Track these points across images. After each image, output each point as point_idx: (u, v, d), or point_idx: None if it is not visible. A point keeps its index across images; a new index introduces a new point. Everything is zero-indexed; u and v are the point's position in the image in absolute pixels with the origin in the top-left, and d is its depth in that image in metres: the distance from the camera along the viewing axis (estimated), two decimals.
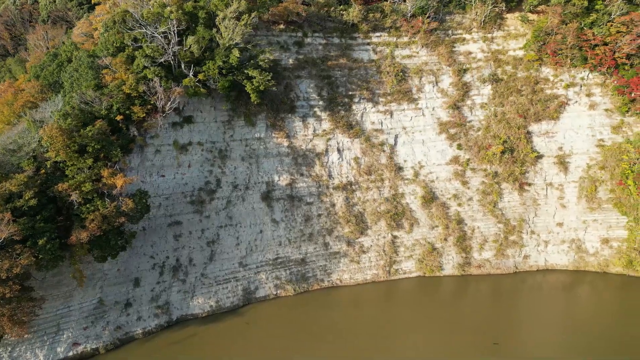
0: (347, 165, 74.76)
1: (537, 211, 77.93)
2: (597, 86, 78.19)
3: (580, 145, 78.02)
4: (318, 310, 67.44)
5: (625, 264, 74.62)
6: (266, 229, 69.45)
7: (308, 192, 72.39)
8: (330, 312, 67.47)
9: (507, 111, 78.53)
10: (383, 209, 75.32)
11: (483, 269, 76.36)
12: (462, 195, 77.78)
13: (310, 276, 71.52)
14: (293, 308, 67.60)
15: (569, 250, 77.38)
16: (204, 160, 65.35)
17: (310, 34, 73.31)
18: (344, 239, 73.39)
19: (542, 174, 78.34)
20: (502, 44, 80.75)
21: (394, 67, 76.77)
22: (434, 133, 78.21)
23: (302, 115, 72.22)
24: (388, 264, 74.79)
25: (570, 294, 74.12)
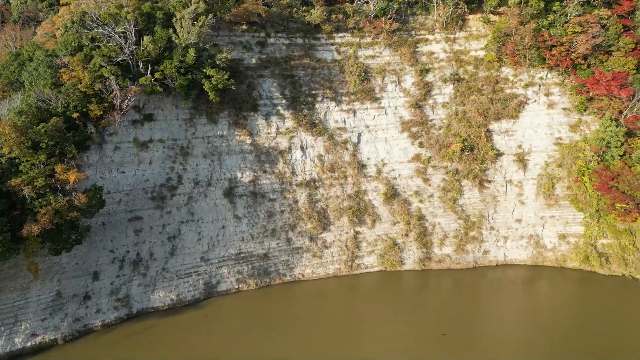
0: (310, 163, 76.50)
1: (497, 207, 79.95)
2: (556, 86, 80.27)
3: (539, 143, 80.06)
4: (280, 303, 69.06)
5: (581, 259, 76.71)
6: (228, 225, 71.10)
7: (271, 188, 74.10)
8: (292, 305, 69.21)
9: (468, 110, 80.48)
10: (346, 205, 77.11)
11: (443, 263, 78.28)
12: (423, 192, 79.68)
13: (272, 271, 73.24)
14: (255, 301, 69.18)
15: (527, 245, 79.41)
16: (165, 157, 66.97)
17: (273, 35, 75.06)
18: (306, 235, 75.14)
19: (501, 172, 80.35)
20: (464, 45, 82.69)
21: (357, 67, 78.58)
22: (397, 131, 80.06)
23: (265, 113, 73.92)
24: (350, 259, 76.58)
25: (528, 288, 76.15)
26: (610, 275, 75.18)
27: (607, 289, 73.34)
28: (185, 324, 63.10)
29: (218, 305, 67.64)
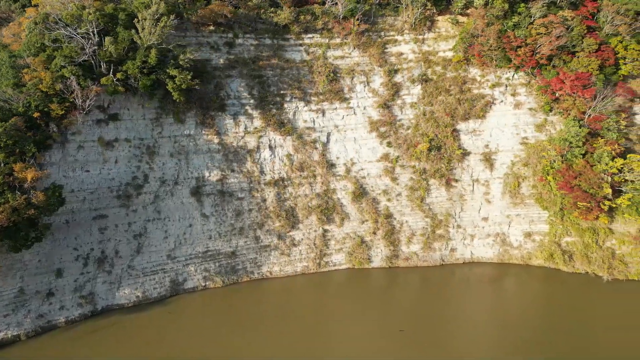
0: (279, 162, 77.49)
1: (464, 206, 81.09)
2: (522, 86, 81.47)
3: (506, 143, 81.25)
4: (248, 301, 69.86)
5: (546, 257, 77.91)
6: (196, 223, 72.02)
7: (239, 187, 75.06)
8: (261, 303, 69.97)
9: (435, 110, 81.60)
10: (314, 204, 78.14)
11: (410, 261, 79.38)
12: (391, 190, 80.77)
13: (240, 268, 74.20)
14: (222, 299, 70.07)
15: (494, 243, 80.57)
16: (131, 156, 67.85)
17: (242, 35, 76.02)
18: (275, 233, 76.12)
19: (469, 171, 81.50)
20: (432, 46, 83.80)
21: (326, 68, 79.60)
22: (365, 131, 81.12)
23: (233, 113, 74.87)
24: (318, 257, 77.59)
25: (495, 286, 77.16)
26: (574, 272, 76.42)
27: (572, 286, 74.45)
28: (150, 321, 64.01)
29: (184, 302, 68.54)
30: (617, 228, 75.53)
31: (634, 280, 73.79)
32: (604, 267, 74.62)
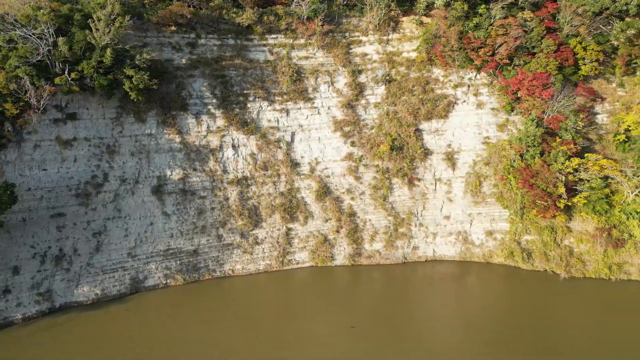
0: (243, 161, 78.26)
1: (426, 205, 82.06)
2: (485, 86, 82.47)
3: (468, 142, 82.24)
4: (209, 299, 70.63)
5: (506, 255, 78.94)
6: (157, 222, 72.77)
7: (202, 186, 75.82)
8: (222, 300, 70.76)
9: (399, 110, 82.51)
10: (278, 202, 78.98)
11: (373, 259, 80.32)
12: (355, 189, 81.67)
13: (202, 266, 75.01)
14: (183, 297, 70.82)
15: (456, 242, 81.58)
16: (91, 155, 68.55)
17: (204, 36, 76.74)
18: (237, 231, 76.94)
19: (431, 170, 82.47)
20: (397, 46, 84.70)
21: (290, 68, 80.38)
22: (330, 131, 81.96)
23: (196, 112, 75.63)
24: (281, 255, 78.46)
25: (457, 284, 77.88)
26: (533, 270, 77.46)
27: (530, 284, 75.23)
28: (108, 318, 64.78)
29: (144, 300, 69.37)
30: (575, 226, 76.58)
31: (591, 278, 74.95)
32: (561, 265, 75.66)
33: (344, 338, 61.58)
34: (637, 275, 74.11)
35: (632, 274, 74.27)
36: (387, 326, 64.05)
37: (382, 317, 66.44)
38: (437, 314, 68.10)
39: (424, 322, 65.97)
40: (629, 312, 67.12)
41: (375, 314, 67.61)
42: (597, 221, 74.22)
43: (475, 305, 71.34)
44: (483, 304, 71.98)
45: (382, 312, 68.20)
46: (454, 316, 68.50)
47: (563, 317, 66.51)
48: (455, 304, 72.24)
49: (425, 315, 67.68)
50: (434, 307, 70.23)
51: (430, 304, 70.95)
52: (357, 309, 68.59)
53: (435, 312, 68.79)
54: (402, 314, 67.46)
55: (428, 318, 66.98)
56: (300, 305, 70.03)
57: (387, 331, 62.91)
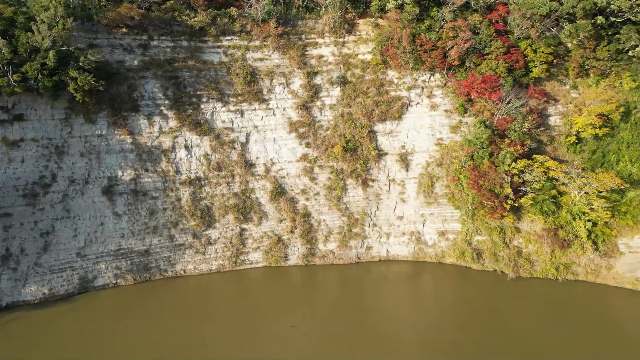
0: (196, 162, 78.84)
1: (380, 205, 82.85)
2: (439, 88, 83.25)
3: (422, 143, 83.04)
4: (159, 298, 71.24)
5: (458, 255, 79.81)
6: (107, 222, 73.30)
7: (154, 186, 76.35)
8: (172, 300, 71.18)
9: (353, 112, 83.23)
10: (231, 203, 79.59)
11: (326, 259, 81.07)
12: (310, 190, 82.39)
13: (153, 266, 75.59)
14: (133, 296, 71.47)
15: (409, 242, 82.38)
16: (39, 155, 69.05)
17: (157, 37, 77.27)
18: (190, 232, 77.54)
19: (385, 171, 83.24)
20: (352, 48, 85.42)
21: (244, 69, 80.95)
22: (285, 132, 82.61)
23: (148, 113, 76.15)
24: (234, 255, 79.12)
25: (407, 283, 78.80)
26: (484, 270, 78.34)
27: (481, 284, 76.07)
28: (54, 317, 65.40)
29: (92, 299, 69.92)
30: (524, 227, 77.48)
31: (539, 278, 75.83)
32: (510, 265, 76.57)
33: (296, 337, 62.29)
34: (584, 276, 75.08)
35: (579, 275, 75.24)
36: (341, 325, 64.97)
37: (336, 317, 67.29)
38: (391, 314, 68.80)
39: (379, 321, 66.59)
40: (573, 312, 68.12)
41: (329, 313, 68.38)
42: (544, 222, 75.14)
43: (428, 306, 72.05)
44: (435, 304, 72.63)
45: (337, 311, 69.00)
46: (408, 316, 69.04)
47: (510, 317, 67.34)
48: (408, 304, 72.84)
49: (379, 315, 68.27)
50: (388, 306, 70.82)
51: (384, 304, 71.47)
52: (311, 309, 69.36)
53: (389, 311, 69.46)
54: (357, 314, 68.21)
55: (382, 317, 67.62)
56: (252, 305, 70.49)
57: (342, 330, 63.87)
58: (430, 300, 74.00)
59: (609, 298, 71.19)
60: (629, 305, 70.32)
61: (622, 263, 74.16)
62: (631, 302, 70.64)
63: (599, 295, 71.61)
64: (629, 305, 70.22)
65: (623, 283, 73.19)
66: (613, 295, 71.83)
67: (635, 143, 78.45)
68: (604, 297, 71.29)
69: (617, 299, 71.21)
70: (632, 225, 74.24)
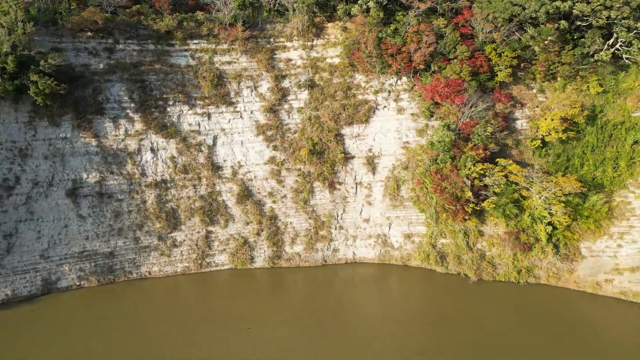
0: (162, 164, 79.39)
1: (346, 208, 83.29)
2: (405, 92, 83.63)
3: (388, 147, 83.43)
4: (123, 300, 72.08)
5: (423, 258, 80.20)
6: (72, 224, 73.94)
7: (119, 189, 76.95)
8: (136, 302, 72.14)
9: (321, 115, 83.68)
10: (198, 205, 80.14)
11: (292, 261, 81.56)
12: (277, 193, 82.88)
13: (117, 268, 76.20)
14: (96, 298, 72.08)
15: (375, 244, 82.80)
16: (2, 158, 69.70)
17: (123, 41, 77.87)
18: (155, 234, 78.12)
19: (352, 174, 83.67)
20: (321, 52, 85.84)
21: (211, 72, 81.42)
22: (252, 135, 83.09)
23: (113, 116, 76.72)
24: (200, 257, 79.67)
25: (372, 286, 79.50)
26: (447, 273, 78.71)
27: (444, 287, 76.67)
28: (15, 318, 66.21)
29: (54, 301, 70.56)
30: (487, 230, 77.84)
31: (501, 282, 76.16)
32: (473, 268, 76.92)
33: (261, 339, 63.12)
34: (545, 280, 75.40)
35: (541, 278, 75.56)
36: (309, 327, 65.85)
37: (303, 319, 68.02)
38: (357, 316, 69.36)
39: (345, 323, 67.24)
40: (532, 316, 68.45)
41: (296, 315, 69.10)
42: (507, 225, 75.45)
43: (393, 309, 72.53)
44: (399, 307, 73.11)
45: (303, 313, 69.67)
46: (373, 319, 69.56)
47: (471, 320, 67.82)
48: (374, 307, 73.27)
49: (345, 317, 68.89)
50: (354, 308, 71.47)
51: (350, 306, 72.19)
52: (278, 311, 70.01)
53: (355, 313, 70.04)
54: (323, 315, 68.89)
55: (348, 319, 68.27)
56: (217, 307, 71.16)
57: (309, 332, 64.79)
58: (395, 303, 74.46)
59: (568, 302, 71.44)
60: (588, 309, 70.65)
61: (583, 267, 74.45)
62: (591, 306, 70.97)
63: (557, 299, 71.83)
64: (589, 310, 70.55)
65: (584, 287, 73.49)
66: (573, 299, 72.10)
67: (600, 147, 78.76)
68: (562, 301, 71.52)
69: (576, 303, 71.48)
70: (594, 230, 74.60)
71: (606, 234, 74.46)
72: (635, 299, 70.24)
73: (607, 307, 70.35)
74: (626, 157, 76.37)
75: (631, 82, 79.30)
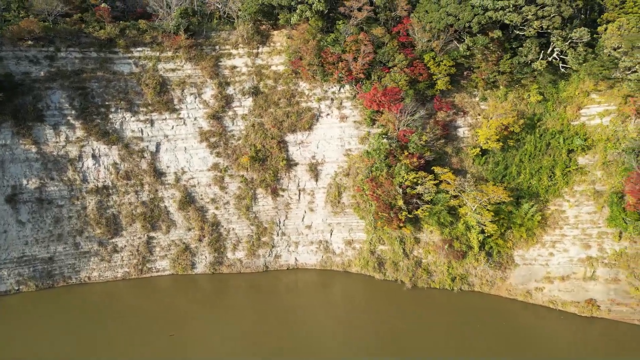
0: (104, 171, 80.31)
1: (289, 214, 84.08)
2: (348, 100, 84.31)
3: (331, 154, 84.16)
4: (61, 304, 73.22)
5: (362, 265, 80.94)
6: (11, 230, 74.95)
7: (59, 195, 77.92)
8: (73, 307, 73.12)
9: (265, 122, 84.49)
10: (139, 211, 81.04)
11: (233, 267, 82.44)
12: (220, 199, 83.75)
13: (57, 273, 77.19)
14: (34, 302, 73.25)
15: (317, 250, 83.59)
16: None
17: (64, 49, 78.81)
18: (95, 240, 79.06)
19: (295, 181, 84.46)
20: (266, 59, 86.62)
21: (154, 80, 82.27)
22: (196, 141, 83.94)
23: (54, 123, 77.68)
24: (141, 263, 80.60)
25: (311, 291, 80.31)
26: (385, 280, 79.39)
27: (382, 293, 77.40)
28: None
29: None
30: (424, 238, 78.51)
31: (436, 289, 76.81)
32: (409, 275, 77.61)
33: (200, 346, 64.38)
34: (479, 287, 76.03)
35: (475, 286, 76.22)
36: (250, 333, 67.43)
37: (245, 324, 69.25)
38: (297, 321, 70.67)
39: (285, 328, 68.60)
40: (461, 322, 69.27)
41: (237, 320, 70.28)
42: (442, 233, 76.13)
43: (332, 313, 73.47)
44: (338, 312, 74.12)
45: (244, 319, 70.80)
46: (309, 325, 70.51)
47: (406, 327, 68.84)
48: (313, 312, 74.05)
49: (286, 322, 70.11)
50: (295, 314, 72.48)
51: (291, 312, 73.10)
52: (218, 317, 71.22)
53: (295, 319, 71.23)
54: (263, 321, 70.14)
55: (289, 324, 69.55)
56: (154, 312, 72.15)
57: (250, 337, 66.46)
58: (335, 309, 75.25)
59: (497, 310, 71.90)
60: (516, 317, 70.95)
61: (516, 275, 75.07)
62: (520, 315, 71.34)
63: (488, 307, 72.35)
64: (517, 318, 70.83)
65: (515, 295, 74.07)
66: (503, 307, 72.54)
67: (538, 155, 79.24)
68: (492, 309, 72.04)
69: (506, 311, 71.84)
70: (527, 238, 75.21)
71: (539, 242, 75.09)
72: (564, 307, 70.80)
73: (536, 315, 70.84)
74: (562, 166, 76.92)
75: (572, 90, 79.83)
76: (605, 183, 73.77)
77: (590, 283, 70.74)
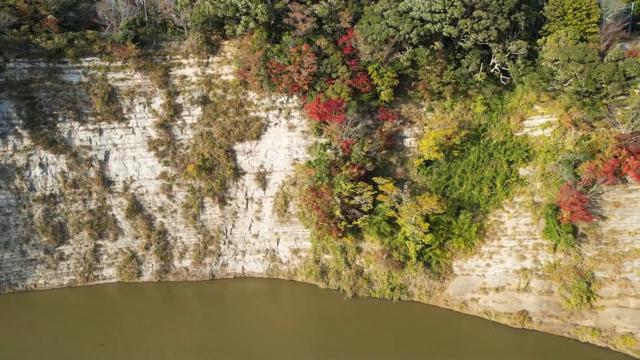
0: (52, 179, 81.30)
1: (236, 223, 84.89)
2: (296, 110, 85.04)
3: (280, 163, 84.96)
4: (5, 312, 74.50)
5: (307, 273, 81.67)
6: None
7: (7, 203, 78.98)
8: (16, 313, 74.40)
9: (214, 131, 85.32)
10: (86, 219, 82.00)
11: (180, 276, 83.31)
12: (167, 207, 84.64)
13: (3, 280, 78.25)
14: None
15: (264, 259, 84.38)
16: None
17: (13, 59, 79.79)
18: (42, 247, 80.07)
19: (243, 189, 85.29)
20: (216, 69, 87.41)
21: (103, 89, 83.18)
22: (144, 150, 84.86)
23: (1, 133, 78.73)
24: (87, 271, 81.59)
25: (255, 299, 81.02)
26: (328, 288, 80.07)
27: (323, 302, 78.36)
28: None
29: None
30: (365, 247, 79.16)
31: (376, 298, 77.41)
32: (350, 284, 78.26)
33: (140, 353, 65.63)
34: (418, 297, 76.59)
35: (414, 296, 76.81)
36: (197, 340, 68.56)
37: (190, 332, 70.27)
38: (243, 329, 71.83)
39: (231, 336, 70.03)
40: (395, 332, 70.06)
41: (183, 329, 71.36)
42: (381, 243, 76.69)
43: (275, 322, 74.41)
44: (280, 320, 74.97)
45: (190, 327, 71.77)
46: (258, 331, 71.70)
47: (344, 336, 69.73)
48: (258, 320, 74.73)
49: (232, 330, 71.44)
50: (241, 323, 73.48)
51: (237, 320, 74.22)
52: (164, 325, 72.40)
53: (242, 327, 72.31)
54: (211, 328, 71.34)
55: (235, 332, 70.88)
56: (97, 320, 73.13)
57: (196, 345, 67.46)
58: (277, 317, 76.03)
59: (432, 320, 72.69)
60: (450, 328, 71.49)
61: (454, 285, 75.61)
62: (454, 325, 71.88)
63: (424, 317, 73.18)
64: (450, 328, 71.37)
65: (452, 305, 74.62)
66: (439, 318, 73.24)
67: (481, 166, 79.73)
68: (428, 319, 72.80)
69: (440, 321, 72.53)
70: (465, 248, 75.71)
71: (477, 253, 75.62)
72: (497, 319, 71.30)
73: (471, 325, 71.36)
74: (503, 177, 77.38)
75: (516, 102, 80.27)
76: (544, 194, 74.23)
77: (523, 295, 71.22)
